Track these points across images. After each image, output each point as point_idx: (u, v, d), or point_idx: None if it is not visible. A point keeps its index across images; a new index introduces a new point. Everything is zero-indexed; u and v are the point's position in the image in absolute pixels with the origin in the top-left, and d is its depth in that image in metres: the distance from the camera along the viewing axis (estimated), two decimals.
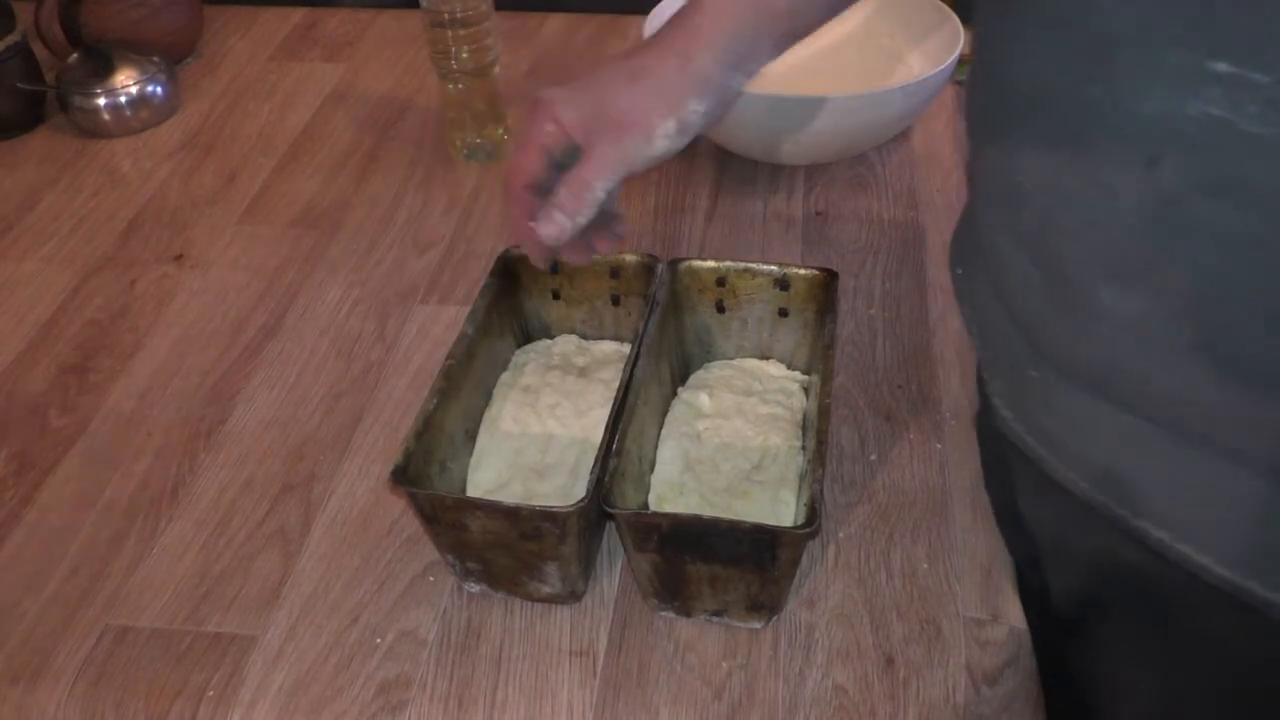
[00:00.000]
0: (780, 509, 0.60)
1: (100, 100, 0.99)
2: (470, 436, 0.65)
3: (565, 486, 0.62)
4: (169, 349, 0.77)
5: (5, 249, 0.88)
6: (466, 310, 0.66)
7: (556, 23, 1.16)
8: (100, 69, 1.00)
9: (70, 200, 0.93)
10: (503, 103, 0.94)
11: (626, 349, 0.70)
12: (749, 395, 0.67)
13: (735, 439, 0.64)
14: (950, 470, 0.66)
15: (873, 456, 0.67)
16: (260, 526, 0.65)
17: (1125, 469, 0.44)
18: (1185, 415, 0.41)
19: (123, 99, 0.99)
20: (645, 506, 0.61)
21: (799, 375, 0.69)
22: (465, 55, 0.88)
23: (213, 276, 0.84)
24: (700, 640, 0.58)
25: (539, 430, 0.65)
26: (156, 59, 1.03)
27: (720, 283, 0.68)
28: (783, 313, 0.68)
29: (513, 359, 0.70)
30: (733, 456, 0.63)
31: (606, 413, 0.61)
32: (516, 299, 0.70)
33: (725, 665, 0.57)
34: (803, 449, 0.64)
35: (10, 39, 0.98)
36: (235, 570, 0.62)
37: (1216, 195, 0.35)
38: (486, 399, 0.67)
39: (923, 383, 0.72)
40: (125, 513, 0.66)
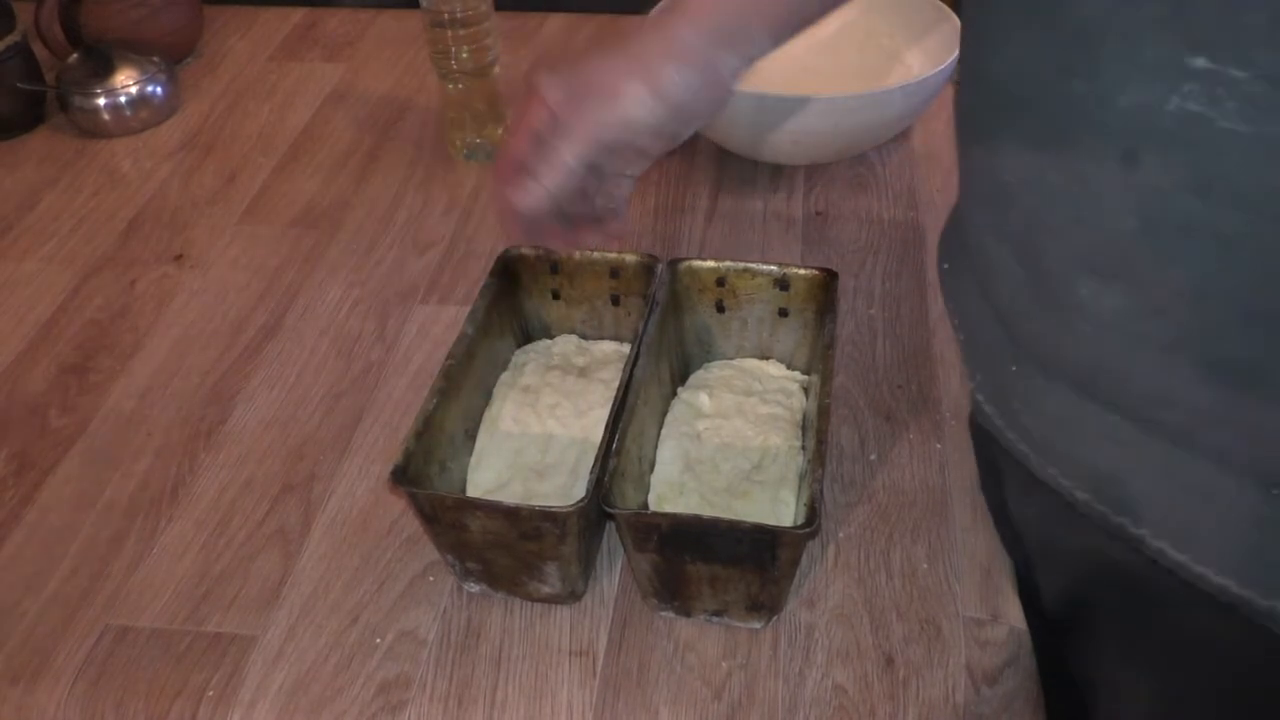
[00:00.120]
0: (780, 509, 0.60)
1: (100, 100, 0.99)
2: (470, 436, 0.65)
3: (565, 486, 0.62)
4: (169, 349, 0.77)
5: (5, 249, 0.88)
6: (466, 310, 0.66)
7: (556, 23, 1.16)
8: (100, 69, 1.00)
9: (70, 200, 0.93)
10: (503, 103, 0.94)
11: (626, 349, 0.70)
12: (749, 395, 0.67)
13: (735, 439, 0.64)
14: (950, 470, 0.66)
15: (873, 456, 0.67)
16: (260, 526, 0.65)
17: (1113, 471, 0.44)
18: (1167, 414, 0.40)
19: (123, 99, 0.99)
20: (645, 506, 0.61)
21: (799, 375, 0.69)
22: (465, 55, 0.88)
23: (213, 276, 0.84)
24: (700, 640, 0.58)
25: (539, 430, 0.65)
26: (156, 59, 1.03)
27: (720, 283, 0.68)
28: (783, 313, 0.68)
29: (513, 359, 0.70)
30: (733, 456, 0.63)
31: (606, 413, 0.61)
32: (516, 299, 0.70)
33: (725, 665, 0.57)
34: (803, 449, 0.64)
35: (10, 39, 0.98)
36: (235, 570, 0.62)
37: (1195, 192, 0.35)
38: (486, 399, 0.67)
39: (923, 383, 0.72)
40: (125, 513, 0.66)
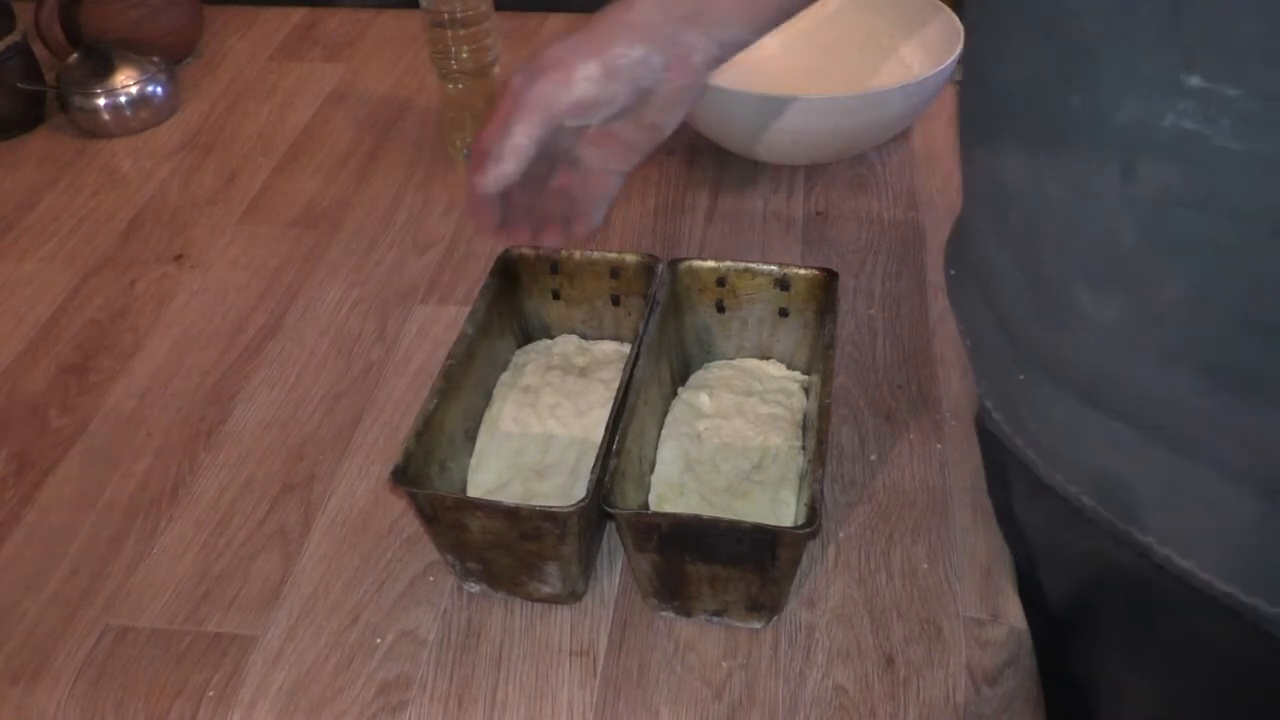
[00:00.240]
0: (780, 509, 0.60)
1: (100, 100, 0.99)
2: (470, 437, 0.65)
3: (565, 486, 0.62)
4: (169, 349, 0.77)
5: (5, 249, 0.88)
6: (466, 310, 0.66)
7: (556, 23, 1.16)
8: (100, 69, 1.00)
9: (70, 200, 0.93)
10: None
11: (626, 349, 0.70)
12: (749, 395, 0.67)
13: (735, 439, 0.64)
14: (950, 470, 0.66)
15: (873, 456, 0.67)
16: (260, 526, 0.65)
17: (1118, 477, 0.44)
18: (1169, 421, 0.40)
19: (123, 99, 0.99)
20: (645, 506, 0.61)
21: (799, 375, 0.69)
22: (465, 55, 0.88)
23: (213, 276, 0.84)
24: (700, 640, 0.58)
25: (539, 430, 0.65)
26: (156, 59, 1.03)
27: (720, 283, 0.68)
28: (783, 313, 0.68)
29: (513, 359, 0.70)
30: (733, 456, 0.63)
31: (606, 413, 0.61)
32: (516, 299, 0.70)
33: (725, 665, 0.57)
34: (803, 449, 0.64)
35: (10, 39, 0.98)
36: (235, 570, 0.62)
37: (1192, 206, 0.35)
38: (486, 399, 0.67)
39: (923, 383, 0.72)
40: (125, 513, 0.66)
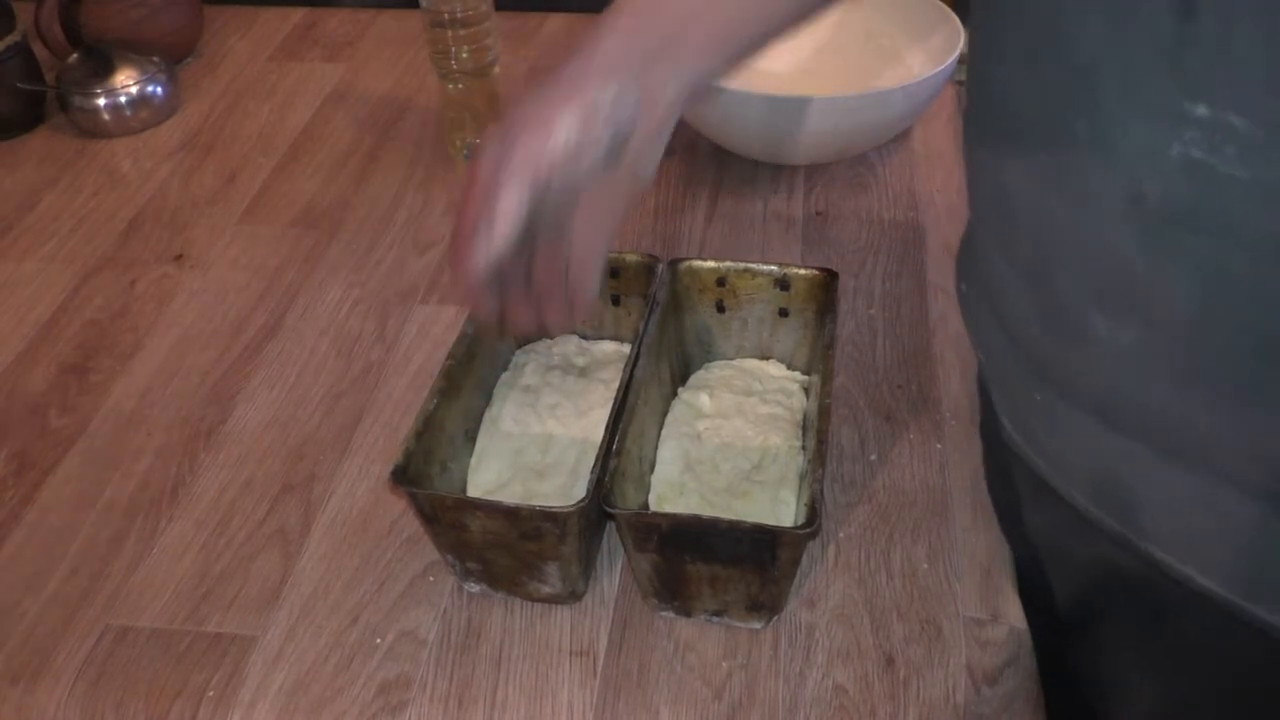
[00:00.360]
0: (780, 509, 0.60)
1: (100, 100, 0.99)
2: (470, 437, 0.65)
3: (565, 486, 0.62)
4: (169, 349, 0.77)
5: (5, 249, 0.88)
6: (466, 310, 0.66)
7: (556, 23, 1.16)
8: (100, 69, 1.00)
9: (70, 200, 0.93)
10: (503, 103, 0.94)
11: (626, 349, 0.70)
12: (749, 395, 0.67)
13: (735, 439, 0.64)
14: (950, 470, 0.66)
15: (873, 456, 0.67)
16: (260, 526, 0.65)
17: (1129, 491, 0.44)
18: (1185, 441, 0.40)
19: (123, 99, 0.99)
20: (645, 506, 0.61)
21: (799, 375, 0.69)
22: (465, 55, 0.88)
23: (213, 276, 0.84)
24: (700, 640, 0.58)
25: (539, 430, 0.65)
26: (156, 59, 1.03)
27: (720, 283, 0.68)
28: (783, 313, 0.68)
29: (513, 359, 0.70)
30: (733, 456, 0.63)
31: (606, 413, 0.61)
32: None
33: (725, 665, 0.57)
34: (803, 449, 0.64)
35: (10, 39, 0.98)
36: (235, 570, 0.62)
37: (1201, 232, 0.35)
38: (486, 399, 0.67)
39: (923, 383, 0.72)
40: (125, 513, 0.66)
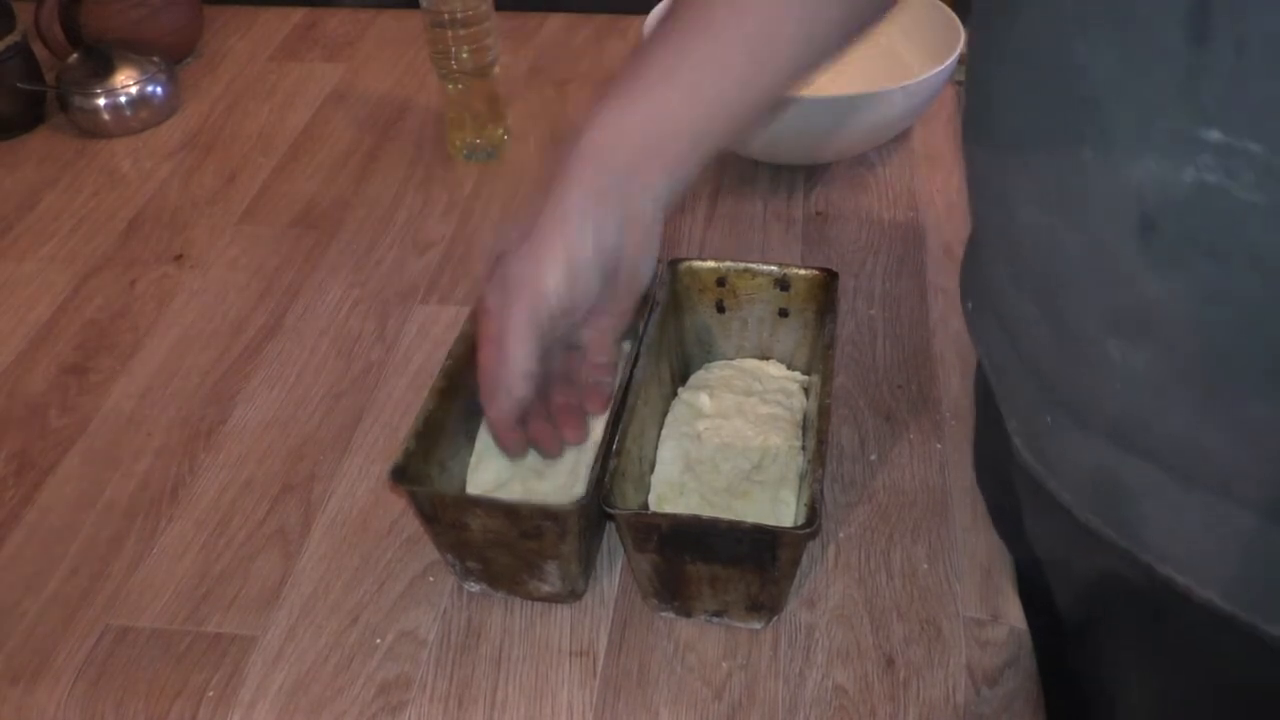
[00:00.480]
0: (780, 509, 0.60)
1: (100, 100, 0.99)
2: (470, 437, 0.65)
3: (565, 486, 0.62)
4: (169, 349, 0.77)
5: (5, 249, 0.88)
6: (467, 310, 0.66)
7: (556, 23, 1.16)
8: (100, 69, 1.00)
9: (70, 200, 0.93)
10: (502, 103, 0.94)
11: (626, 348, 0.70)
12: (749, 395, 0.67)
13: (735, 439, 0.64)
14: (950, 470, 0.66)
15: (873, 456, 0.67)
16: (260, 526, 0.65)
17: (1137, 509, 0.44)
18: (1200, 464, 0.40)
19: (123, 99, 0.99)
20: (645, 507, 0.61)
21: (799, 375, 0.69)
22: (465, 55, 0.88)
23: (213, 276, 0.84)
24: (700, 640, 0.58)
25: None
26: (156, 59, 1.03)
27: (720, 283, 0.68)
28: (783, 313, 0.68)
29: None
30: (733, 456, 0.63)
31: (606, 412, 0.61)
32: None
33: (725, 665, 0.57)
34: (803, 449, 0.64)
35: (10, 39, 0.98)
36: (235, 570, 0.62)
37: (1215, 259, 0.34)
38: None
39: (923, 383, 0.72)
40: (125, 513, 0.66)
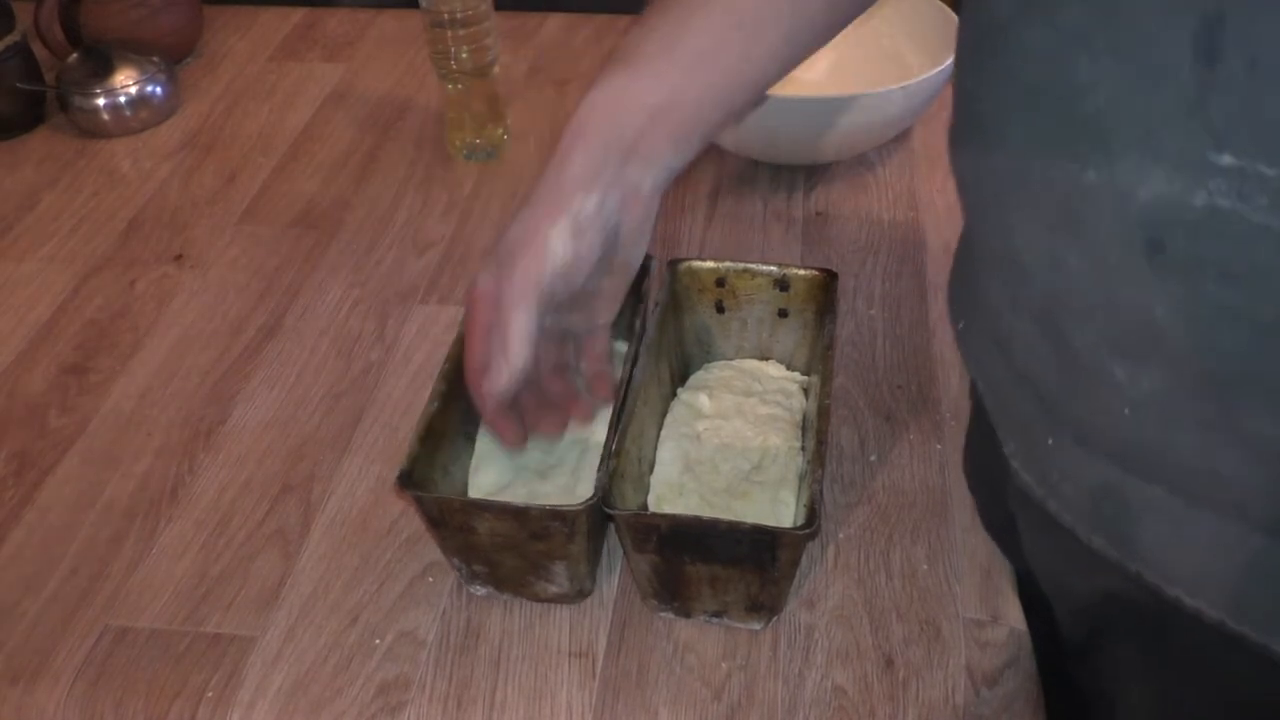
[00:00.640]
0: (780, 509, 0.60)
1: (100, 100, 0.99)
2: (470, 439, 0.65)
3: (568, 486, 0.62)
4: (169, 349, 0.77)
5: (5, 249, 0.88)
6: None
7: (556, 23, 1.16)
8: (100, 69, 0.99)
9: (70, 200, 0.93)
10: (502, 103, 0.94)
11: (621, 347, 0.70)
12: (748, 396, 0.67)
13: (735, 440, 0.64)
14: (950, 471, 0.66)
15: (872, 457, 0.67)
16: (260, 527, 0.65)
17: (1142, 530, 0.43)
18: (1210, 487, 0.39)
19: (122, 99, 0.99)
20: (644, 507, 0.61)
21: (799, 376, 0.69)
22: (465, 55, 0.88)
23: (213, 276, 0.84)
24: (700, 641, 0.58)
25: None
26: (156, 59, 1.02)
27: (720, 283, 0.68)
28: (782, 313, 0.68)
29: None
30: (732, 457, 0.63)
31: (606, 412, 0.61)
32: None
33: (725, 666, 0.57)
34: (802, 450, 0.64)
35: (10, 39, 0.98)
36: (234, 571, 0.62)
37: (1227, 282, 0.34)
38: None
39: (923, 383, 0.72)
40: (125, 513, 0.66)
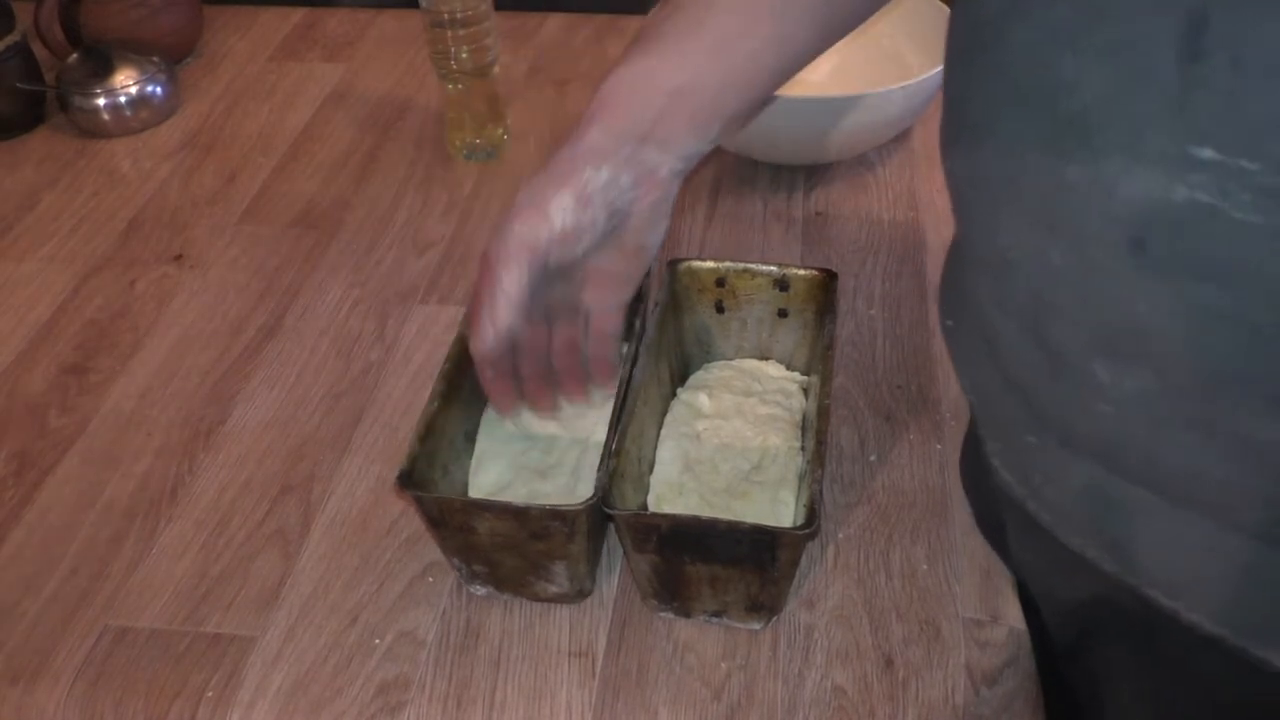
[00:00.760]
0: (780, 509, 0.60)
1: (100, 100, 0.99)
2: (470, 439, 0.65)
3: (568, 486, 0.62)
4: (169, 349, 0.77)
5: (5, 249, 0.88)
6: (466, 310, 0.66)
7: (556, 23, 1.16)
8: (100, 69, 1.00)
9: (70, 200, 0.93)
10: (502, 103, 0.94)
11: (623, 347, 0.70)
12: (748, 396, 0.67)
13: (735, 439, 0.64)
14: (950, 471, 0.66)
15: (872, 457, 0.67)
16: (260, 527, 0.65)
17: (1130, 536, 0.43)
18: (1200, 491, 0.39)
19: (122, 99, 0.99)
20: (644, 507, 0.61)
21: (798, 376, 0.69)
22: (465, 55, 0.88)
23: (213, 276, 0.84)
24: (699, 641, 0.58)
25: (539, 431, 0.65)
26: (156, 59, 1.03)
27: (720, 283, 0.68)
28: (782, 313, 0.68)
29: None
30: (732, 457, 0.63)
31: (606, 412, 0.61)
32: None
33: (724, 666, 0.57)
34: (802, 449, 0.64)
35: (10, 39, 0.98)
36: (234, 571, 0.62)
37: (1210, 280, 0.34)
38: (484, 401, 0.67)
39: (923, 383, 0.72)
40: (125, 513, 0.66)
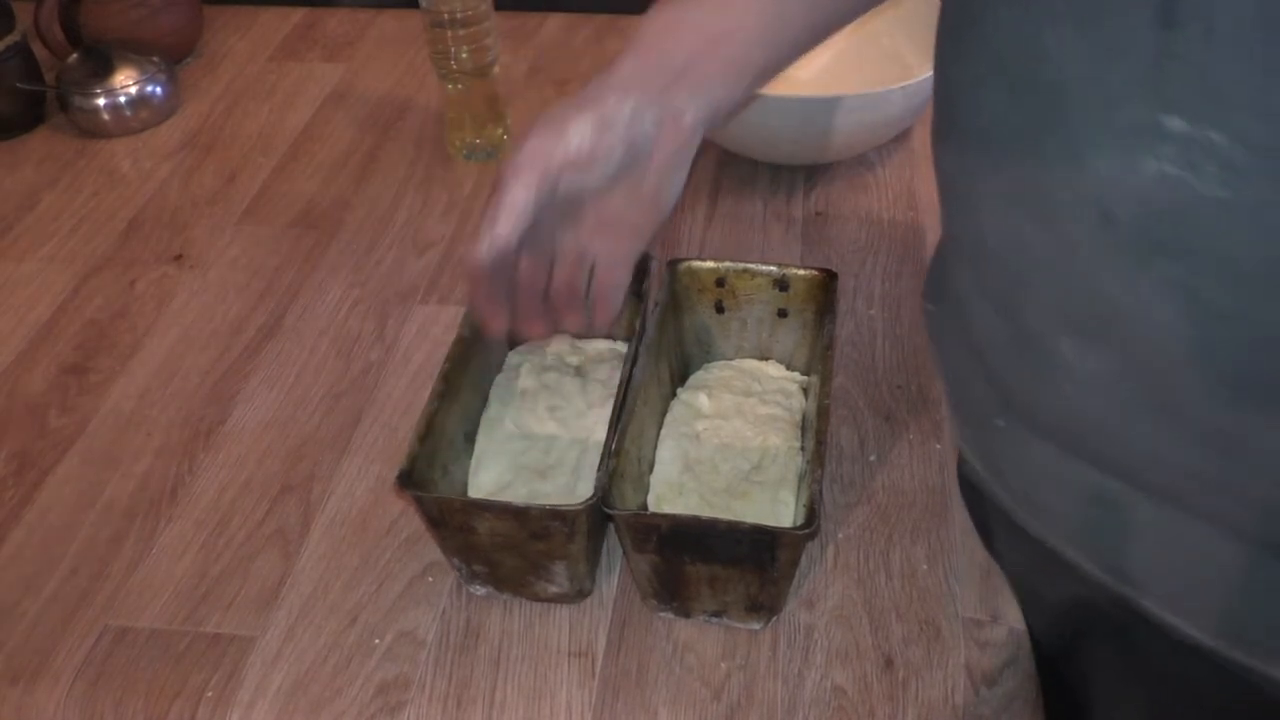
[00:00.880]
0: (779, 509, 0.60)
1: (100, 100, 0.99)
2: (469, 439, 0.65)
3: (567, 486, 0.62)
4: (169, 349, 0.77)
5: (5, 249, 0.88)
6: (466, 309, 0.66)
7: (556, 23, 1.16)
8: (100, 69, 1.00)
9: (70, 200, 0.93)
10: (502, 103, 0.94)
11: (620, 347, 0.70)
12: (748, 396, 0.67)
13: (734, 439, 0.64)
14: (950, 471, 0.66)
15: (872, 457, 0.67)
16: (259, 527, 0.65)
17: (1101, 529, 0.43)
18: (1155, 475, 0.39)
19: (122, 99, 0.99)
20: (644, 507, 0.61)
21: (798, 376, 0.69)
22: (465, 55, 0.88)
23: (212, 276, 0.84)
24: (699, 641, 0.58)
25: (539, 431, 0.65)
26: (156, 59, 1.03)
27: (719, 283, 0.68)
28: (782, 313, 0.68)
29: (507, 360, 0.70)
30: (732, 457, 0.63)
31: (606, 412, 0.61)
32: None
33: (724, 666, 0.57)
34: (802, 449, 0.64)
35: (10, 39, 0.98)
36: (234, 571, 0.62)
37: (1176, 256, 0.34)
38: (484, 401, 0.67)
39: (923, 383, 0.72)
40: (125, 513, 0.66)
